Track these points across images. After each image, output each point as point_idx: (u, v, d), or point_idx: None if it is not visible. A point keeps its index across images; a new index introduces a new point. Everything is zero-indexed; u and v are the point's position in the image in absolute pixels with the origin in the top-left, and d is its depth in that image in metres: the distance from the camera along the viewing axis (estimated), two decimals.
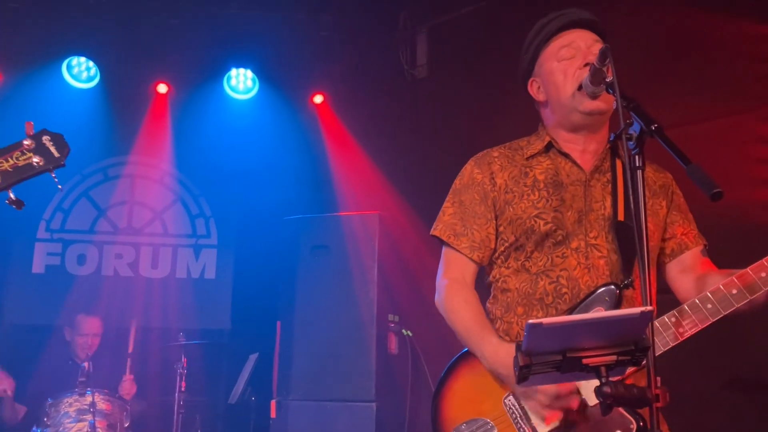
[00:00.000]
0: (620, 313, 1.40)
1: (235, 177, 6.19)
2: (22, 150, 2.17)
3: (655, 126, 1.65)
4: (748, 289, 1.91)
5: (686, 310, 1.94)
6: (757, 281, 1.91)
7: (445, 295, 2.23)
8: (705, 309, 1.92)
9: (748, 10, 3.83)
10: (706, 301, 1.93)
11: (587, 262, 2.09)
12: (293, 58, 5.97)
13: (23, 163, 2.16)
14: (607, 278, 2.07)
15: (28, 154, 2.17)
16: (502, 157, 2.28)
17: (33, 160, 2.17)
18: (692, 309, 1.94)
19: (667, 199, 2.26)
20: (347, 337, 4.51)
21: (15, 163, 2.15)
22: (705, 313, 1.93)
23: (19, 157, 2.16)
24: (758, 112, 3.82)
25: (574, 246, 2.11)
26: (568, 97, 2.14)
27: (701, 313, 1.93)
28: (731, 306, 1.92)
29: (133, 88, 6.09)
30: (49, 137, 2.21)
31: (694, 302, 1.95)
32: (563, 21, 2.22)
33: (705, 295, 1.94)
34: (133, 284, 6.26)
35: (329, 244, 4.70)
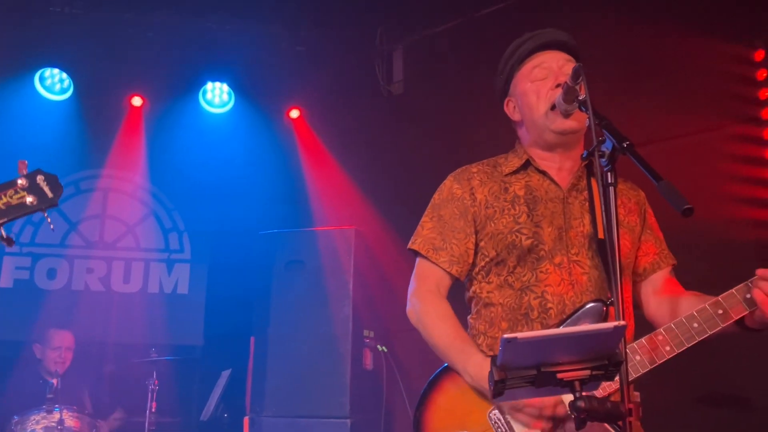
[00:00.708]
0: (594, 328, 1.41)
1: (209, 191, 6.14)
2: (16, 189, 2.17)
3: (626, 143, 1.69)
4: (733, 309, 1.95)
5: (673, 329, 1.98)
6: (741, 302, 1.95)
7: (421, 307, 2.22)
8: (692, 328, 1.96)
9: (720, 30, 3.91)
10: (692, 321, 1.96)
11: (570, 278, 2.11)
12: (269, 72, 5.97)
13: (16, 202, 2.15)
14: (592, 294, 2.10)
15: (22, 193, 2.17)
16: (481, 173, 2.31)
17: (26, 200, 2.17)
18: (679, 328, 1.97)
19: (641, 217, 2.29)
20: (322, 353, 4.49)
21: (8, 202, 2.14)
22: (692, 332, 1.96)
23: (12, 195, 2.15)
24: (728, 130, 3.91)
25: (557, 262, 2.13)
26: (541, 117, 2.18)
27: (688, 333, 1.96)
28: (717, 326, 1.95)
29: (107, 100, 6.03)
30: (43, 177, 2.21)
31: (681, 321, 1.98)
32: (537, 42, 2.27)
33: (691, 314, 1.97)
34: (105, 299, 6.16)
35: (304, 260, 4.69)
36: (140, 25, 5.61)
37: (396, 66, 5.97)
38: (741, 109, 3.87)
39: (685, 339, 1.95)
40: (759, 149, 3.78)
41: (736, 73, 3.88)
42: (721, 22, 3.94)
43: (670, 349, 1.96)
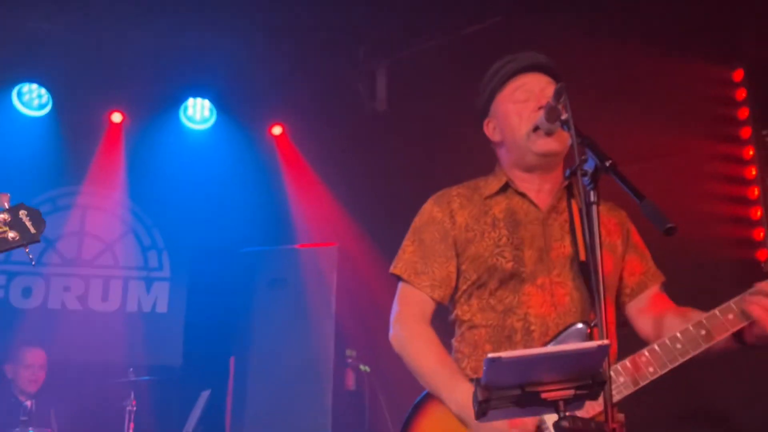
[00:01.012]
0: (577, 347, 1.39)
1: (190, 208, 6.08)
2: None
3: (609, 162, 1.69)
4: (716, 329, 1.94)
5: (657, 350, 1.97)
6: (724, 323, 1.94)
7: (405, 334, 2.20)
8: (675, 349, 1.95)
9: (700, 51, 3.98)
10: (675, 342, 1.95)
11: (553, 300, 2.11)
12: (252, 88, 5.95)
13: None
14: (575, 315, 2.09)
15: (4, 228, 2.15)
16: (461, 196, 2.30)
17: (8, 235, 2.14)
18: (663, 349, 1.96)
19: (622, 237, 2.29)
20: (303, 373, 4.44)
21: None
22: (675, 353, 1.95)
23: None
24: (709, 149, 3.95)
25: (539, 283, 2.12)
26: (522, 139, 2.18)
27: (671, 354, 1.95)
28: (700, 346, 1.94)
29: (86, 116, 5.97)
30: (25, 212, 2.18)
31: (665, 342, 1.97)
32: (518, 64, 2.27)
33: (674, 335, 1.96)
34: (82, 318, 6.05)
35: (286, 278, 4.66)
36: (121, 41, 5.57)
37: (379, 83, 5.98)
38: (721, 129, 3.92)
39: (668, 360, 1.94)
40: (739, 168, 3.82)
41: (715, 94, 3.95)
42: (700, 44, 4.01)
43: (653, 371, 1.95)
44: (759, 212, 3.69)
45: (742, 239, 3.73)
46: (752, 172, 3.76)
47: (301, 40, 5.74)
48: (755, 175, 3.74)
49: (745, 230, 3.73)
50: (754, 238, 3.69)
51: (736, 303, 1.94)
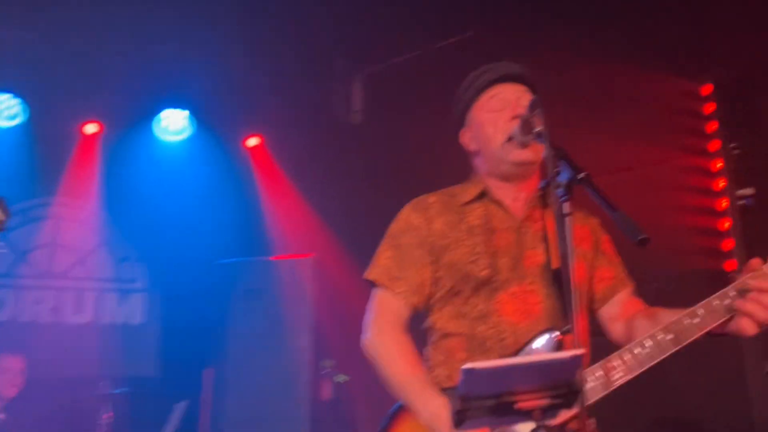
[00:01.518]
0: (552, 357, 1.42)
1: (165, 220, 6.02)
2: None
3: (583, 174, 1.71)
4: (682, 334, 1.96)
5: (618, 359, 1.97)
6: (690, 327, 1.95)
7: (379, 339, 2.18)
8: (643, 353, 1.96)
9: (669, 66, 4.06)
10: (641, 346, 1.97)
11: (525, 308, 2.11)
12: (228, 100, 5.94)
13: None
14: (545, 323, 2.09)
15: None
16: (438, 203, 2.30)
17: None
18: (631, 354, 1.97)
19: (593, 244, 2.31)
20: (279, 384, 4.42)
21: None
22: (643, 357, 1.96)
23: None
24: (677, 162, 4.03)
25: (511, 291, 2.13)
26: (498, 148, 2.19)
27: (639, 358, 1.96)
28: (666, 351, 1.95)
29: (60, 127, 5.91)
30: None
31: (630, 348, 1.98)
32: (494, 74, 2.28)
33: (641, 340, 1.97)
34: (55, 331, 5.97)
35: (262, 289, 4.64)
36: (96, 52, 5.52)
37: (355, 95, 6.00)
38: (690, 142, 4.00)
39: (637, 364, 1.96)
40: (707, 180, 3.90)
41: (685, 107, 4.02)
42: (670, 59, 4.09)
43: (622, 375, 1.96)
44: (727, 223, 3.76)
45: (711, 250, 3.81)
46: (720, 184, 3.84)
47: (278, 52, 5.74)
48: (723, 187, 3.82)
49: (713, 241, 3.81)
50: (722, 248, 3.77)
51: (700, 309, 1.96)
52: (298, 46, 5.67)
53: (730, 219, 3.75)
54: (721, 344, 3.63)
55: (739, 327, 1.93)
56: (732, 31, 4.01)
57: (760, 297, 1.89)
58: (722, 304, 1.95)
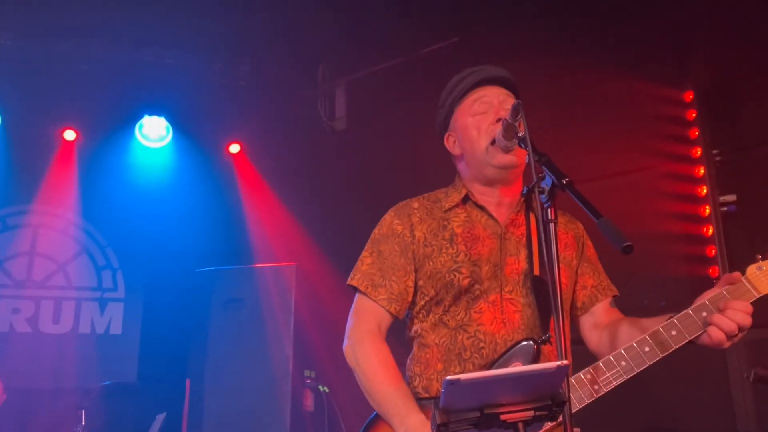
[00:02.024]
0: (536, 368, 1.38)
1: (145, 227, 5.97)
2: None
3: (566, 180, 1.69)
4: (660, 347, 1.95)
5: (601, 368, 1.96)
6: (668, 339, 1.94)
7: (359, 348, 2.15)
8: (619, 366, 1.95)
9: (651, 72, 4.08)
10: (620, 359, 1.95)
11: (503, 317, 2.09)
12: (210, 106, 5.89)
13: None
14: (523, 333, 2.08)
15: None
16: (421, 209, 2.27)
17: None
18: (607, 366, 1.96)
19: (577, 250, 2.29)
20: (261, 395, 4.35)
21: None
22: (620, 370, 1.95)
23: None
24: (661, 168, 4.03)
25: (491, 300, 2.11)
26: (481, 152, 2.18)
27: (616, 371, 1.95)
28: (644, 364, 1.94)
29: (38, 133, 5.83)
30: None
31: (609, 360, 1.97)
32: (477, 77, 2.27)
33: (619, 352, 1.96)
34: (32, 341, 5.86)
35: (243, 297, 4.57)
36: (75, 57, 5.47)
37: (339, 102, 5.98)
38: (673, 148, 4.00)
39: (613, 378, 1.95)
40: (691, 186, 3.90)
41: (667, 114, 4.03)
42: (653, 66, 4.11)
43: (598, 388, 1.95)
44: (710, 230, 3.76)
45: (695, 256, 3.80)
46: (703, 191, 3.84)
47: (260, 58, 5.72)
48: (706, 193, 3.82)
49: (697, 247, 3.80)
50: (706, 254, 3.76)
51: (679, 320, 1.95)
52: (281, 52, 5.64)
53: (713, 225, 3.74)
54: (706, 353, 3.65)
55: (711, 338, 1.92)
56: (712, 39, 4.03)
57: (732, 315, 1.89)
58: (700, 316, 1.94)
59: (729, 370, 3.65)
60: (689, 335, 1.93)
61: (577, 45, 4.38)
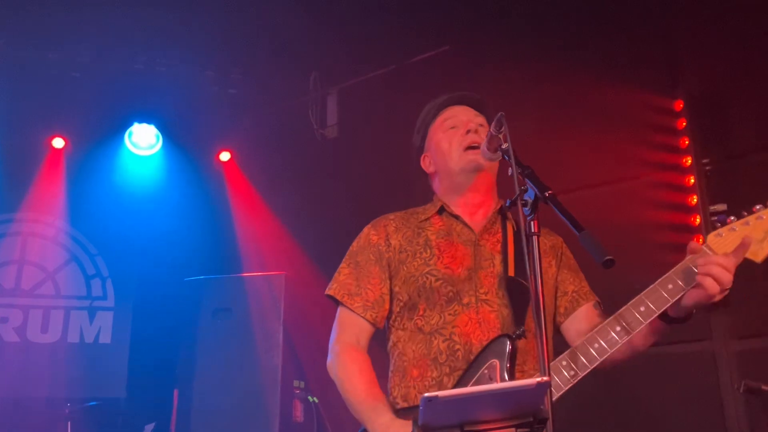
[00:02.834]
0: (516, 385, 1.36)
1: (135, 236, 5.94)
2: None
3: (548, 193, 1.70)
4: (630, 324, 1.95)
5: (576, 353, 1.97)
6: (638, 316, 1.95)
7: (338, 361, 2.19)
8: (593, 349, 1.95)
9: (641, 81, 4.08)
10: (593, 341, 1.96)
11: (478, 317, 2.12)
12: (200, 114, 5.88)
13: None
14: (499, 332, 2.09)
15: None
16: (397, 219, 2.36)
17: None
18: (581, 351, 1.97)
19: (556, 258, 2.34)
20: (250, 405, 4.32)
21: None
22: (593, 353, 1.95)
23: None
24: (651, 177, 4.03)
25: (465, 302, 2.14)
26: (453, 160, 2.29)
27: (589, 354, 1.95)
28: (616, 343, 1.94)
29: (26, 141, 5.80)
30: None
31: (582, 344, 1.98)
32: (449, 96, 2.43)
33: (591, 335, 1.98)
34: (20, 350, 5.80)
35: (232, 307, 4.53)
36: (64, 64, 5.44)
37: (330, 110, 5.96)
38: (663, 157, 4.00)
39: (588, 360, 1.95)
40: (681, 196, 3.89)
41: (657, 123, 4.03)
42: (642, 74, 4.10)
43: (574, 374, 1.95)
44: (701, 239, 3.74)
45: None
46: (693, 200, 3.82)
47: (251, 66, 5.70)
48: (696, 202, 3.81)
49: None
50: None
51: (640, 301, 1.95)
52: (272, 59, 5.63)
53: (703, 236, 3.72)
54: (698, 364, 3.63)
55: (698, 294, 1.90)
56: (701, 48, 4.04)
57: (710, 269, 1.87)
58: (666, 288, 1.95)
59: (720, 380, 3.63)
60: (657, 309, 1.94)
61: (567, 53, 4.39)
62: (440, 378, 2.08)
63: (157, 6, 4.86)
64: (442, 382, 2.08)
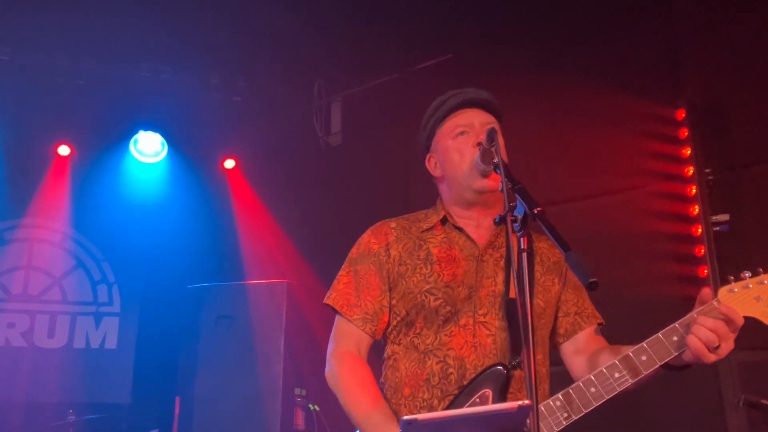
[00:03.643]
0: (497, 408, 1.35)
1: (141, 242, 5.95)
2: None
3: (537, 210, 1.66)
4: (630, 372, 1.89)
5: (571, 394, 1.91)
6: (638, 365, 1.88)
7: (338, 371, 2.12)
8: (589, 393, 1.89)
9: (643, 90, 4.05)
10: (589, 385, 1.90)
11: (474, 341, 2.05)
12: (205, 122, 5.88)
13: None
14: (494, 357, 2.03)
15: None
16: (398, 228, 2.26)
17: None
18: (577, 393, 1.90)
19: (560, 275, 2.25)
20: (250, 413, 4.31)
21: None
22: (589, 397, 1.89)
23: None
24: (653, 187, 3.99)
25: (462, 323, 2.07)
26: (463, 175, 2.16)
27: (585, 398, 1.89)
28: (614, 390, 1.89)
29: (32, 148, 5.83)
30: None
31: (579, 386, 1.91)
32: (458, 99, 2.25)
33: (588, 378, 1.91)
34: (26, 355, 5.83)
35: (234, 314, 4.53)
36: (70, 72, 5.47)
37: (334, 117, 5.96)
38: (665, 167, 3.96)
39: (582, 404, 1.89)
40: (683, 206, 3.85)
41: (659, 132, 4.00)
42: (643, 83, 4.07)
43: (567, 416, 1.89)
44: (702, 250, 3.71)
45: (686, 277, 3.75)
46: (695, 210, 3.79)
47: (256, 74, 5.71)
48: (698, 213, 3.77)
49: (689, 268, 3.75)
50: (698, 275, 3.71)
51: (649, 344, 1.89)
52: (277, 68, 5.64)
53: (705, 246, 3.70)
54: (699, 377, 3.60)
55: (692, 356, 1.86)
56: (703, 57, 4.01)
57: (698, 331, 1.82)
58: (671, 340, 1.89)
59: (722, 391, 3.60)
60: (659, 360, 1.88)
61: (568, 62, 4.36)
62: (431, 400, 2.03)
63: (163, 14, 4.88)
64: (432, 405, 2.02)
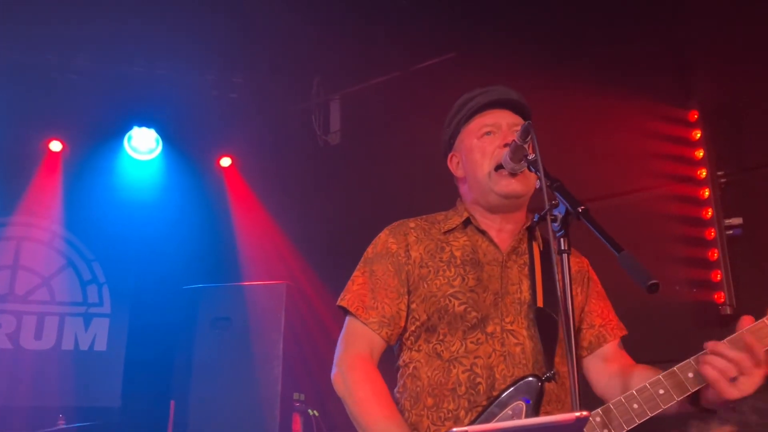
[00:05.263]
0: (554, 420, 1.25)
1: (133, 241, 5.84)
2: None
3: (581, 208, 1.57)
4: (675, 389, 1.79)
5: (612, 410, 1.81)
6: (684, 382, 1.78)
7: (350, 377, 1.99)
8: (631, 409, 1.79)
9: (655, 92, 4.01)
10: (632, 401, 1.80)
11: (503, 350, 1.95)
12: (201, 119, 5.79)
13: None
14: (525, 368, 1.94)
15: None
16: (418, 229, 2.16)
17: None
18: (618, 409, 1.80)
19: (583, 286, 2.17)
20: (248, 418, 4.20)
21: None
22: (631, 414, 1.79)
23: None
24: (665, 189, 3.95)
25: (490, 331, 1.97)
26: (484, 177, 2.07)
27: (627, 414, 1.79)
28: (658, 407, 1.79)
29: (22, 144, 5.70)
30: None
31: (620, 401, 1.81)
32: (487, 98, 2.16)
33: (631, 394, 1.81)
34: (12, 357, 5.68)
35: (231, 316, 4.41)
36: (63, 67, 5.35)
37: (333, 116, 5.89)
38: (677, 169, 3.91)
39: (624, 421, 1.79)
40: (696, 208, 3.80)
41: (672, 134, 3.95)
42: (656, 84, 4.02)
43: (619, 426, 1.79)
44: (716, 254, 3.65)
45: (700, 280, 3.69)
46: (708, 213, 3.73)
47: (253, 70, 5.63)
48: (711, 216, 3.71)
49: (702, 272, 3.69)
50: (711, 279, 3.65)
51: (696, 361, 1.79)
52: (275, 65, 5.56)
53: (718, 249, 3.63)
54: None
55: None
56: (716, 58, 3.97)
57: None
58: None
59: None
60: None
61: (578, 63, 4.31)
62: (457, 411, 1.92)
63: (158, 9, 4.79)
64: (458, 417, 1.91)
